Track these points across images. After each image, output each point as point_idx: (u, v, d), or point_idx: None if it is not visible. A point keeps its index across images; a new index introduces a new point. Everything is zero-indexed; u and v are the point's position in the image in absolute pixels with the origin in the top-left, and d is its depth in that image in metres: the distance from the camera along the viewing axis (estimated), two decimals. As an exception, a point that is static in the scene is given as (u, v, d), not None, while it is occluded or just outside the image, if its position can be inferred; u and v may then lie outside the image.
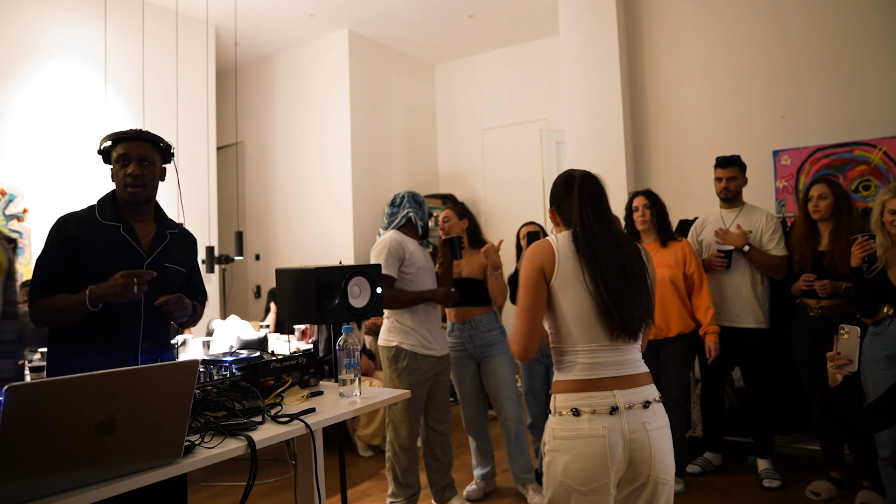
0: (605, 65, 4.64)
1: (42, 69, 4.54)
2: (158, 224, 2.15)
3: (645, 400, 1.57)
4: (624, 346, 1.60)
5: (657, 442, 1.55)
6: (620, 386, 1.56)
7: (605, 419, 1.53)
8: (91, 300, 1.86)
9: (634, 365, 1.61)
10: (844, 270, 2.93)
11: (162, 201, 2.23)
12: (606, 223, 1.66)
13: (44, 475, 1.24)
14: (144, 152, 2.05)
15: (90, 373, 1.29)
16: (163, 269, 2.05)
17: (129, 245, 2.02)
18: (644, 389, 1.59)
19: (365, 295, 2.50)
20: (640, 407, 1.56)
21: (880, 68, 3.88)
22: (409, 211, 3.00)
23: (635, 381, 1.59)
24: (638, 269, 1.63)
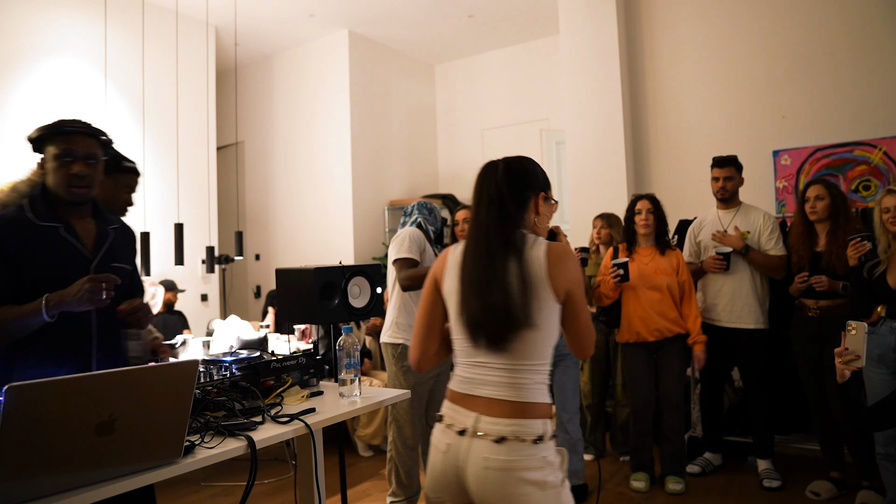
0: (605, 65, 4.64)
1: (42, 69, 4.54)
2: (98, 220, 1.96)
3: (500, 435, 1.36)
4: (502, 364, 1.41)
5: (496, 483, 1.35)
6: (483, 409, 1.40)
7: (452, 436, 1.42)
8: (49, 309, 1.68)
9: (508, 388, 1.40)
10: (842, 271, 2.94)
11: (162, 200, 2.20)
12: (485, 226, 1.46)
13: (44, 475, 1.24)
14: (91, 149, 1.87)
15: (90, 373, 1.29)
16: (110, 269, 1.89)
17: (72, 247, 1.84)
18: (505, 422, 1.37)
19: (365, 295, 2.51)
20: (491, 440, 1.36)
21: (880, 68, 3.89)
22: (417, 217, 3.03)
23: (499, 407, 1.39)
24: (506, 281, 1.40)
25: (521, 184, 1.52)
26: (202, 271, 5.46)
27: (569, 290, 1.44)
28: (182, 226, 4.35)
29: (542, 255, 1.43)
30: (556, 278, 1.42)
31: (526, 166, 1.56)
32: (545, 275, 1.41)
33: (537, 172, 1.57)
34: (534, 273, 1.42)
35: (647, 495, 3.26)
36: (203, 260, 5.21)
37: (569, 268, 1.45)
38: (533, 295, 1.41)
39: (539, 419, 1.39)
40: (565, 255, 1.46)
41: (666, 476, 3.30)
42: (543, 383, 1.44)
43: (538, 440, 1.37)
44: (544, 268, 1.42)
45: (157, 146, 5.20)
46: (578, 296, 1.45)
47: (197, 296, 5.55)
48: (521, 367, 1.41)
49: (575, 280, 1.45)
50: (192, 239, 5.05)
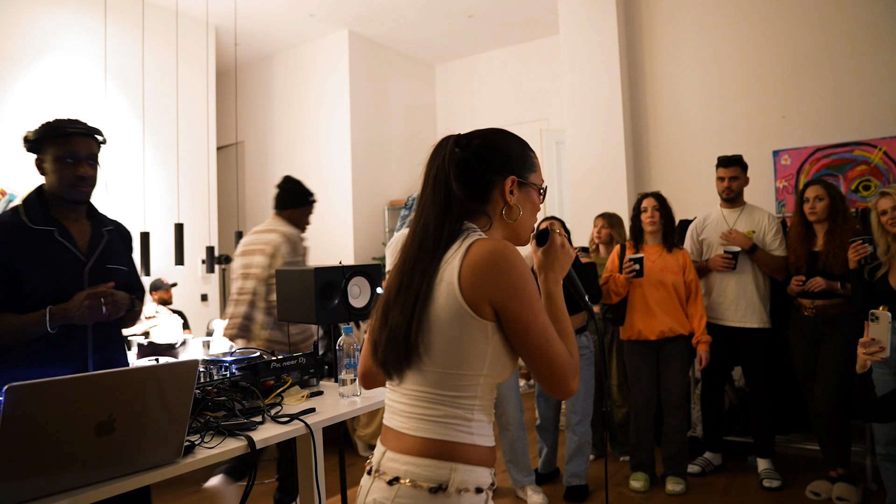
0: (605, 65, 4.64)
1: (42, 69, 4.54)
2: (92, 222, 1.97)
3: (395, 475, 1.09)
4: (410, 391, 1.12)
5: None
6: (391, 443, 1.13)
7: (364, 476, 1.17)
8: (52, 322, 1.70)
9: (419, 420, 1.10)
10: (839, 270, 2.96)
11: (162, 200, 2.20)
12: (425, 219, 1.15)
13: (44, 475, 1.24)
14: (92, 149, 1.89)
15: (90, 373, 1.29)
16: (104, 271, 1.91)
17: (67, 250, 1.84)
18: (405, 459, 1.09)
19: (365, 295, 2.50)
20: (385, 481, 1.10)
21: (880, 68, 3.88)
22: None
23: (407, 442, 1.10)
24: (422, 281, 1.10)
25: (479, 164, 1.16)
26: (202, 271, 5.45)
27: (494, 303, 1.06)
28: (182, 226, 4.35)
29: (459, 258, 1.08)
30: (469, 288, 1.06)
31: (490, 142, 1.20)
32: (456, 284, 1.07)
33: (508, 149, 1.20)
34: (445, 284, 1.08)
35: (647, 495, 3.26)
36: (203, 260, 5.21)
37: (492, 274, 1.06)
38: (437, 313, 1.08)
39: (448, 462, 1.07)
40: (491, 257, 1.06)
41: (666, 476, 3.30)
42: (467, 420, 1.10)
43: (436, 490, 1.05)
44: (456, 275, 1.07)
45: (157, 146, 5.20)
46: (515, 312, 1.06)
47: (197, 296, 5.54)
48: (431, 396, 1.10)
49: (505, 290, 1.05)
50: (192, 239, 5.05)
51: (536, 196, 1.21)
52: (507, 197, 1.16)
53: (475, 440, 1.10)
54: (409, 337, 1.09)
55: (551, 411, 3.39)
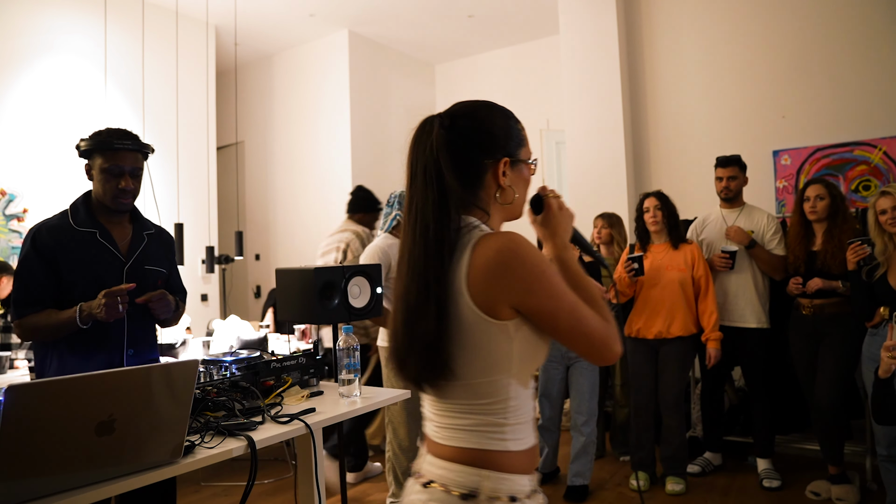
0: (605, 65, 4.64)
1: (42, 68, 4.54)
2: (135, 225, 2.12)
3: (428, 479, 1.07)
4: (439, 402, 1.10)
5: None
6: (430, 447, 1.12)
7: (410, 479, 1.15)
8: (82, 319, 1.85)
9: (451, 430, 1.07)
10: (837, 270, 2.96)
11: (162, 200, 2.23)
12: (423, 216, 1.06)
13: (44, 475, 1.24)
14: (138, 164, 2.03)
15: (90, 373, 1.29)
16: (143, 271, 2.04)
17: (107, 250, 1.99)
18: (439, 464, 1.07)
19: (365, 295, 2.50)
20: (421, 483, 1.09)
21: (880, 68, 3.88)
22: (397, 213, 2.99)
23: (441, 450, 1.08)
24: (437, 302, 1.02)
25: (470, 149, 1.09)
26: (202, 271, 5.45)
27: (514, 304, 1.01)
28: (182, 226, 4.35)
29: (465, 262, 1.02)
30: (482, 295, 1.00)
31: (477, 121, 1.12)
32: (466, 293, 1.01)
33: (496, 126, 1.12)
34: (455, 291, 1.02)
35: (647, 495, 3.26)
36: (203, 260, 5.21)
37: (505, 276, 0.99)
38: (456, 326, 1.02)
39: (480, 469, 1.03)
40: (499, 258, 1.00)
41: (666, 476, 3.30)
42: (500, 425, 1.05)
43: (467, 496, 1.02)
44: (464, 282, 1.01)
45: (157, 146, 5.17)
46: (538, 306, 1.00)
47: (197, 296, 5.55)
48: (463, 406, 1.07)
49: (522, 289, 1.00)
50: (192, 239, 5.05)
51: (528, 171, 1.14)
52: (501, 180, 1.09)
53: (509, 446, 1.05)
54: (441, 352, 1.03)
55: (554, 412, 3.40)
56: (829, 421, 3.02)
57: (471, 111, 1.13)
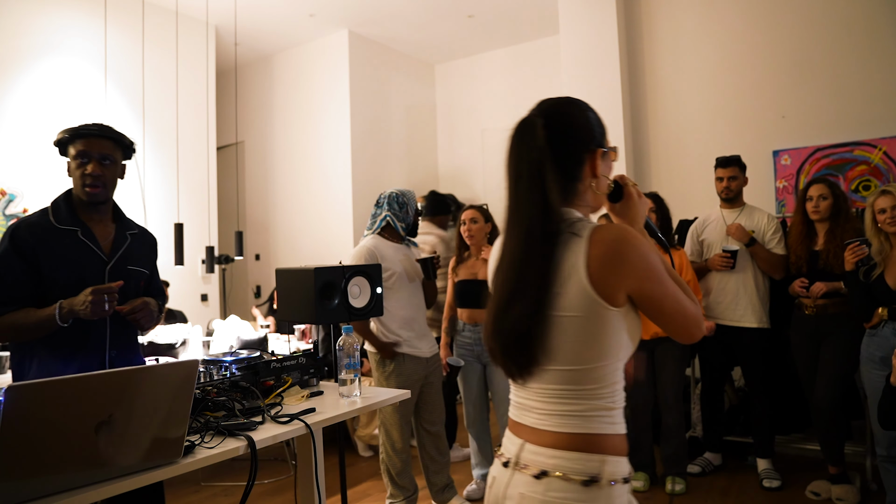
0: (605, 65, 4.64)
1: (42, 68, 4.54)
2: (117, 225, 2.06)
3: (542, 469, 1.07)
4: (543, 388, 1.12)
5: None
6: (530, 436, 1.12)
7: (498, 468, 1.17)
8: (62, 316, 1.78)
9: (556, 417, 1.10)
10: (839, 270, 2.96)
11: (162, 200, 2.22)
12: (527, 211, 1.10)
13: (44, 475, 1.24)
14: (106, 150, 1.95)
15: (90, 373, 1.29)
16: (125, 272, 1.99)
17: (89, 249, 1.93)
18: (550, 453, 1.08)
19: (365, 295, 2.50)
20: (530, 474, 1.08)
21: (880, 68, 3.88)
22: (386, 214, 2.98)
23: (547, 437, 1.10)
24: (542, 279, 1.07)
25: (568, 144, 1.13)
26: (202, 271, 5.45)
27: (630, 290, 1.07)
28: (182, 226, 4.35)
29: (582, 253, 1.06)
30: (602, 282, 1.05)
31: (572, 117, 1.16)
32: (585, 279, 1.05)
33: (588, 119, 1.17)
34: (569, 277, 1.06)
35: (647, 495, 3.26)
36: (203, 260, 5.21)
37: (623, 264, 1.05)
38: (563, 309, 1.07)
39: (598, 454, 1.06)
40: (617, 247, 1.05)
41: (666, 476, 3.30)
42: (608, 409, 1.08)
43: (590, 482, 1.04)
44: (584, 272, 1.05)
45: (157, 146, 5.20)
46: (650, 291, 1.07)
47: (197, 296, 5.55)
48: (570, 392, 1.09)
49: (638, 275, 1.06)
50: (192, 239, 5.05)
51: (612, 160, 1.21)
52: (597, 170, 1.15)
53: (617, 429, 1.10)
54: (535, 339, 1.07)
55: None
56: (829, 421, 3.02)
57: (564, 108, 1.17)
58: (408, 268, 2.98)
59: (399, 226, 2.99)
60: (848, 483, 3.03)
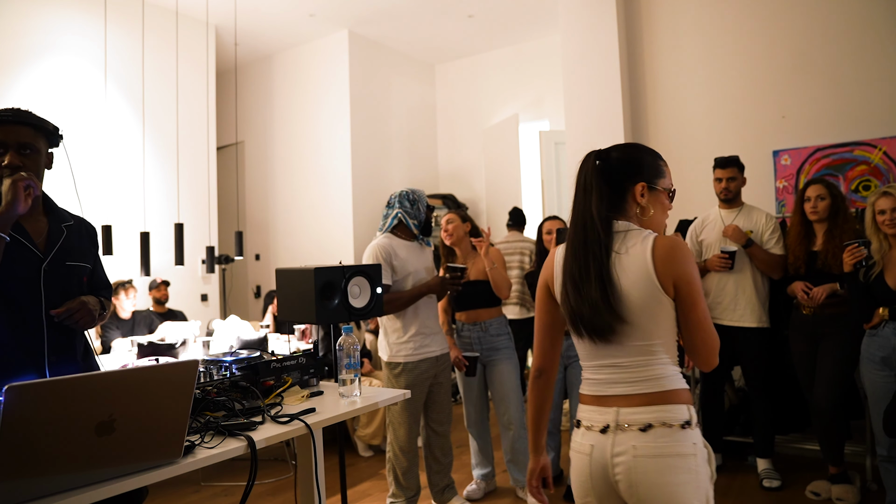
0: (605, 65, 4.64)
1: (42, 69, 4.54)
2: (50, 218, 1.88)
3: (646, 422, 1.33)
4: (626, 362, 1.39)
5: (647, 472, 1.31)
6: (621, 404, 1.38)
7: (594, 436, 1.39)
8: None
9: (642, 382, 1.37)
10: (837, 270, 2.96)
11: (162, 200, 2.18)
12: (581, 218, 1.43)
13: (44, 475, 1.24)
14: (24, 139, 1.77)
15: (90, 373, 1.29)
16: (64, 268, 1.83)
17: (22, 246, 1.75)
18: (647, 410, 1.35)
19: (365, 295, 2.50)
20: (636, 429, 1.34)
21: (880, 68, 3.88)
22: (398, 212, 2.95)
23: (638, 399, 1.36)
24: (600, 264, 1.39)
25: (615, 174, 1.46)
26: (202, 271, 5.46)
27: (678, 284, 1.35)
28: (182, 226, 4.35)
29: (649, 248, 1.37)
30: (663, 273, 1.35)
31: (626, 154, 1.49)
32: (651, 268, 1.35)
33: (640, 161, 1.48)
34: (637, 266, 1.37)
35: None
36: (203, 260, 5.21)
37: (679, 261, 1.35)
38: (628, 290, 1.36)
39: (682, 404, 1.35)
40: (677, 249, 1.37)
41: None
42: (678, 372, 1.39)
43: (686, 425, 1.33)
44: (650, 262, 1.35)
45: (157, 146, 5.20)
46: (689, 292, 1.35)
47: (197, 296, 5.55)
48: (643, 362, 1.37)
49: (686, 274, 1.35)
50: (192, 239, 5.05)
51: (665, 198, 1.48)
52: (639, 199, 1.45)
53: (685, 385, 1.39)
54: (612, 308, 1.35)
55: (556, 413, 3.40)
56: (829, 421, 3.02)
57: (624, 148, 1.51)
58: (421, 266, 2.97)
59: (412, 223, 2.96)
60: (848, 483, 3.03)
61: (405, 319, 2.90)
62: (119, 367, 3.07)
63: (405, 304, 2.86)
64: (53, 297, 1.78)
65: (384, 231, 2.97)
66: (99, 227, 3.59)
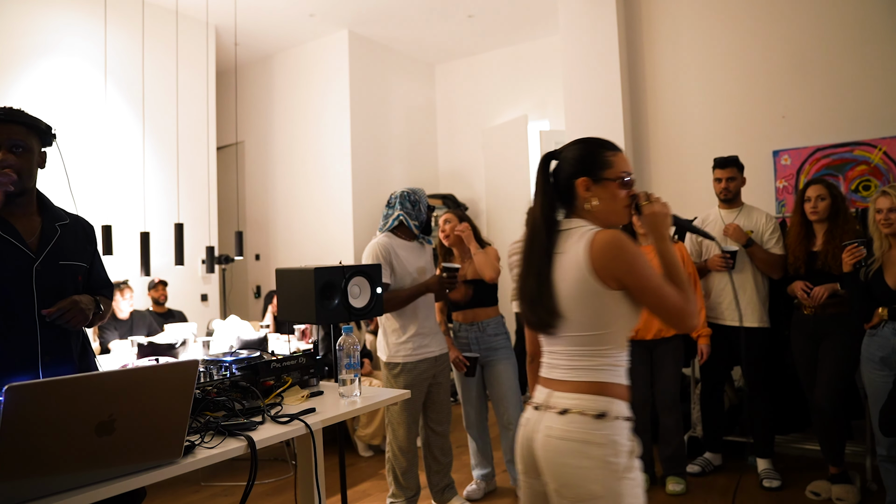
0: (605, 65, 4.64)
1: (42, 69, 4.54)
2: (44, 216, 1.86)
3: (564, 407, 1.43)
4: (566, 350, 1.48)
5: (554, 451, 1.42)
6: (555, 387, 1.48)
7: (530, 411, 1.53)
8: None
9: (574, 370, 1.45)
10: (837, 270, 2.96)
11: (162, 200, 2.17)
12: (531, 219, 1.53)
13: (44, 475, 1.24)
14: (17, 137, 1.77)
15: (90, 373, 1.29)
16: (57, 268, 1.80)
17: (12, 246, 1.73)
18: (570, 396, 1.44)
19: (365, 295, 2.50)
20: (556, 412, 1.44)
21: (880, 68, 3.88)
22: (399, 214, 2.94)
23: (567, 386, 1.45)
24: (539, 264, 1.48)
25: (563, 173, 1.52)
26: (202, 271, 5.45)
27: (617, 278, 1.39)
28: (182, 226, 4.35)
29: (584, 246, 1.41)
30: (599, 270, 1.40)
31: (569, 153, 1.53)
32: (585, 266, 1.40)
33: (580, 156, 1.51)
34: (571, 265, 1.42)
35: (647, 495, 3.25)
36: (203, 260, 5.21)
37: (613, 258, 1.39)
38: (563, 287, 1.43)
39: (602, 396, 1.41)
40: (606, 243, 1.40)
41: (666, 476, 3.30)
42: (614, 365, 1.44)
43: (600, 416, 1.40)
44: (584, 259, 1.41)
45: (157, 146, 5.20)
46: (632, 282, 1.40)
47: (197, 296, 5.55)
48: (579, 352, 1.45)
49: (622, 268, 1.39)
50: (192, 239, 5.05)
51: (616, 187, 1.49)
52: (584, 194, 1.49)
53: (621, 381, 1.45)
54: (544, 304, 1.45)
55: None
56: (829, 421, 3.02)
57: (570, 146, 1.55)
58: (420, 266, 2.97)
59: (412, 224, 2.95)
60: (848, 483, 3.03)
61: (404, 319, 2.89)
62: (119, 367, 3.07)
63: (403, 303, 2.86)
64: (47, 297, 1.76)
65: (385, 230, 2.97)
66: (99, 227, 3.60)
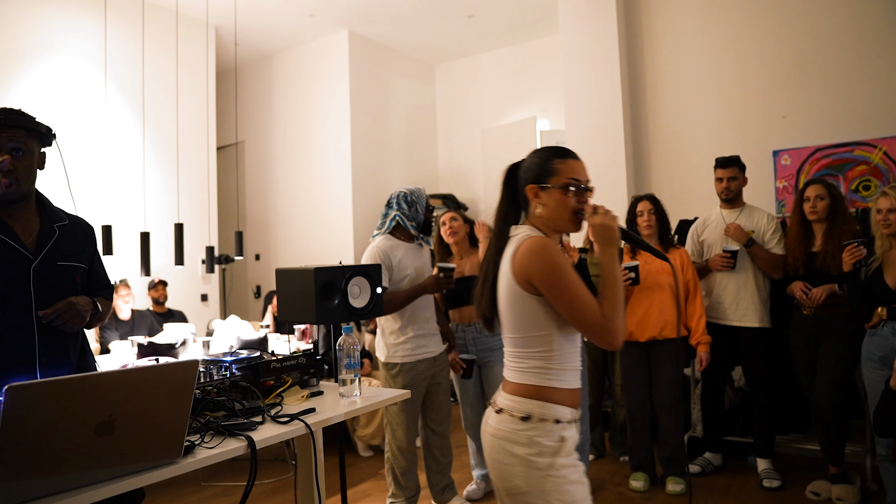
0: (605, 65, 4.64)
1: (42, 68, 4.54)
2: (43, 217, 1.85)
3: (500, 407, 1.53)
4: (509, 351, 1.56)
5: (489, 447, 1.54)
6: (503, 387, 1.57)
7: (489, 408, 1.61)
8: None
9: (514, 372, 1.53)
10: (836, 271, 2.97)
11: (162, 200, 2.17)
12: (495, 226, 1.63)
13: (44, 475, 1.24)
14: (17, 140, 1.76)
15: (90, 373, 1.29)
16: (55, 269, 1.79)
17: (10, 247, 1.73)
18: (506, 397, 1.53)
19: (365, 295, 2.50)
20: (494, 410, 1.55)
21: (880, 68, 3.89)
22: (396, 214, 2.93)
23: (508, 387, 1.55)
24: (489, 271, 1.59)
25: (521, 180, 1.59)
26: (202, 271, 5.46)
27: (533, 283, 1.45)
28: (182, 226, 4.35)
29: (511, 252, 1.50)
30: (518, 274, 1.47)
31: (523, 163, 1.61)
32: (509, 271, 1.49)
33: (529, 166, 1.59)
34: (503, 270, 1.52)
35: (647, 495, 3.26)
36: (203, 260, 5.21)
37: (529, 263, 1.45)
38: (499, 290, 1.54)
39: (531, 399, 1.48)
40: (526, 249, 1.46)
41: (666, 476, 3.30)
42: (554, 369, 1.48)
43: (525, 418, 1.47)
44: (508, 264, 1.50)
45: (157, 146, 5.20)
46: (546, 289, 1.44)
47: (197, 296, 5.55)
48: (518, 353, 1.53)
49: (536, 274, 1.44)
50: (192, 239, 5.05)
51: (560, 194, 1.53)
52: (533, 200, 1.56)
53: (553, 384, 1.48)
54: (488, 310, 1.58)
55: None
56: (829, 421, 3.02)
57: (528, 155, 1.62)
58: (419, 266, 2.96)
59: (409, 224, 2.94)
60: (848, 483, 3.03)
61: (402, 320, 2.89)
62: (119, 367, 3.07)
63: (401, 305, 2.85)
64: (45, 298, 1.75)
65: (382, 232, 2.96)
66: (99, 228, 3.60)
